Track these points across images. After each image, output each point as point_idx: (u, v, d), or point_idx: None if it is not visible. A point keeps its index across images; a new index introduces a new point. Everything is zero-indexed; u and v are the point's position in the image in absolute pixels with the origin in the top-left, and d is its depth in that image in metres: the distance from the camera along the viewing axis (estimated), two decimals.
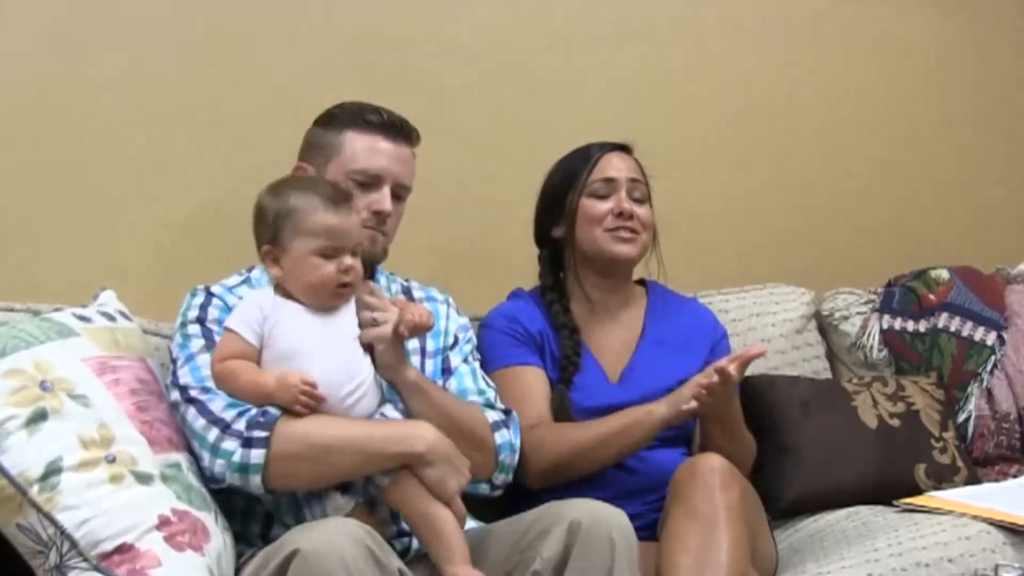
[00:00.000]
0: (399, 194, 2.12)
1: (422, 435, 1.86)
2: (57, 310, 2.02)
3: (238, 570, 1.91)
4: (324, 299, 1.91)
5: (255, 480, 1.83)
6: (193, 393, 1.90)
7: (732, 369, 2.06)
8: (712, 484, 1.99)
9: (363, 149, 2.08)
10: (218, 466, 1.84)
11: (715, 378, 2.06)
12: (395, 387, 1.97)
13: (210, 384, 1.90)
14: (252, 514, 1.99)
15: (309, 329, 1.89)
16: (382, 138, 2.09)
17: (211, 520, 1.85)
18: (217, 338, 1.95)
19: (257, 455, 1.82)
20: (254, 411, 1.85)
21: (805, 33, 3.22)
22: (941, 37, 3.40)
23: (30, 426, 1.76)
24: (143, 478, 1.81)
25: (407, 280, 2.24)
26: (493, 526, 1.99)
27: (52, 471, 1.74)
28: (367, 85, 2.30)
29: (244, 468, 1.83)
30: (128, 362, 1.96)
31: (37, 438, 1.75)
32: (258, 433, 1.82)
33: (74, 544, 1.72)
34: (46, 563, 1.73)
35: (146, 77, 2.50)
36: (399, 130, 2.11)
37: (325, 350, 1.88)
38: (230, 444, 1.83)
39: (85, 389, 1.84)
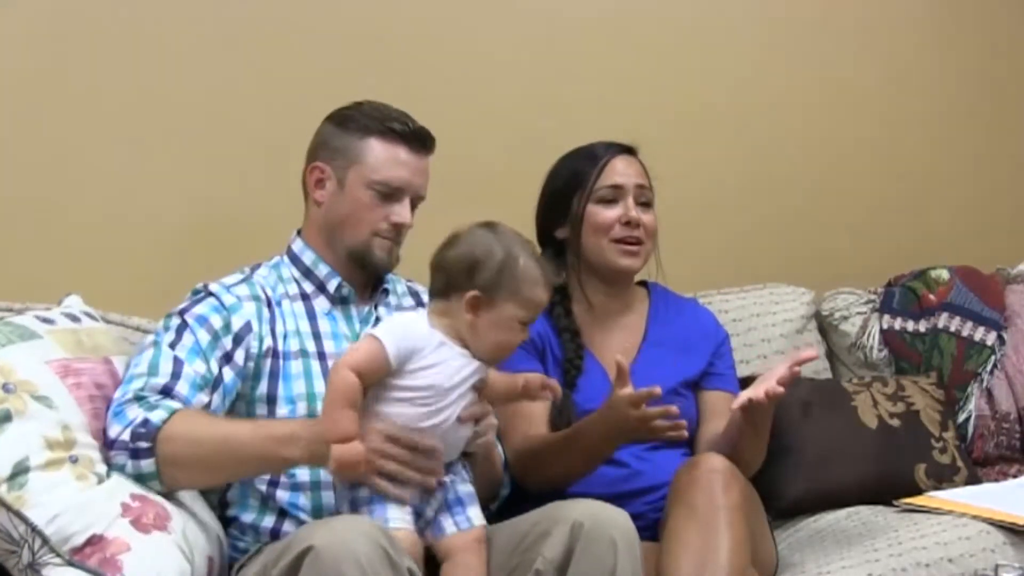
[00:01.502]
0: (415, 204, 2.10)
1: (298, 442, 1.81)
2: (19, 312, 2.03)
3: (241, 567, 1.92)
4: (495, 360, 1.91)
5: (155, 486, 1.86)
6: (116, 396, 1.92)
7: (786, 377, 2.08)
8: (713, 484, 1.99)
9: (386, 160, 2.05)
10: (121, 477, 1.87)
11: (780, 389, 2.05)
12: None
13: (134, 384, 1.90)
14: (267, 509, 1.99)
15: (457, 377, 1.86)
16: (405, 149, 2.06)
17: (165, 500, 1.87)
18: (186, 333, 1.96)
19: (147, 464, 1.84)
20: (136, 420, 1.85)
21: (806, 33, 3.21)
22: (943, 38, 3.39)
23: None
24: (103, 479, 1.83)
25: (410, 281, 2.23)
26: (495, 527, 1.98)
27: (20, 471, 1.75)
28: (369, 87, 2.29)
29: (140, 478, 1.86)
30: (91, 364, 1.97)
31: (3, 439, 1.76)
32: (142, 444, 1.84)
33: (45, 540, 1.73)
34: (19, 563, 1.73)
35: (148, 76, 2.51)
36: (422, 142, 2.08)
37: (455, 403, 1.86)
38: (120, 458, 1.86)
39: (48, 391, 1.85)
